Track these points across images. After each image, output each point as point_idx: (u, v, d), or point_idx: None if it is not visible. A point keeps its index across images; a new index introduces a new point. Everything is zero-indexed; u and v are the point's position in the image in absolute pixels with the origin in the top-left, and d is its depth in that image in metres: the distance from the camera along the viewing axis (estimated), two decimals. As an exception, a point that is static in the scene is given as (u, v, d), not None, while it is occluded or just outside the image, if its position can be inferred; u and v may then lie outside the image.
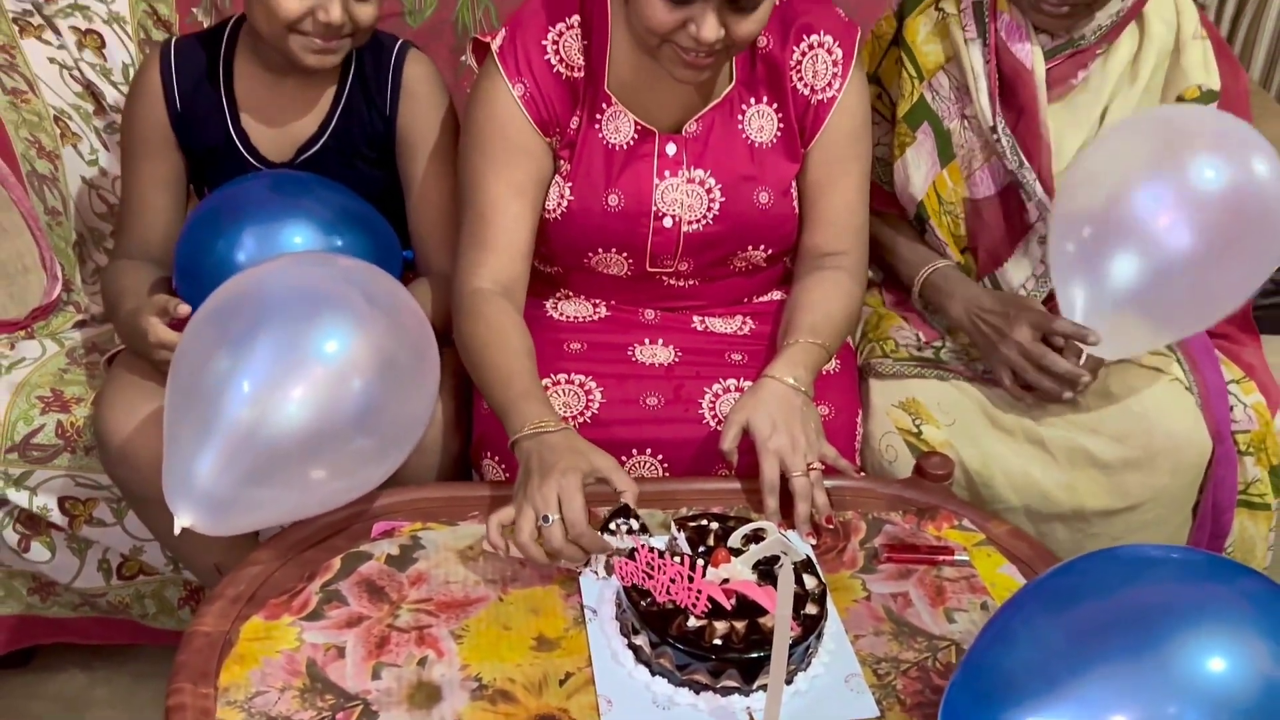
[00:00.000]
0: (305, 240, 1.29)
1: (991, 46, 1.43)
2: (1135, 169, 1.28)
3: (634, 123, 1.33)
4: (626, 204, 1.33)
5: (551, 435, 1.12)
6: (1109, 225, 1.27)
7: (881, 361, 1.44)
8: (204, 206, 1.36)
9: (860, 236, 1.40)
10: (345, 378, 1.05)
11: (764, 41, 1.32)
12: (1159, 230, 1.25)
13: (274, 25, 1.30)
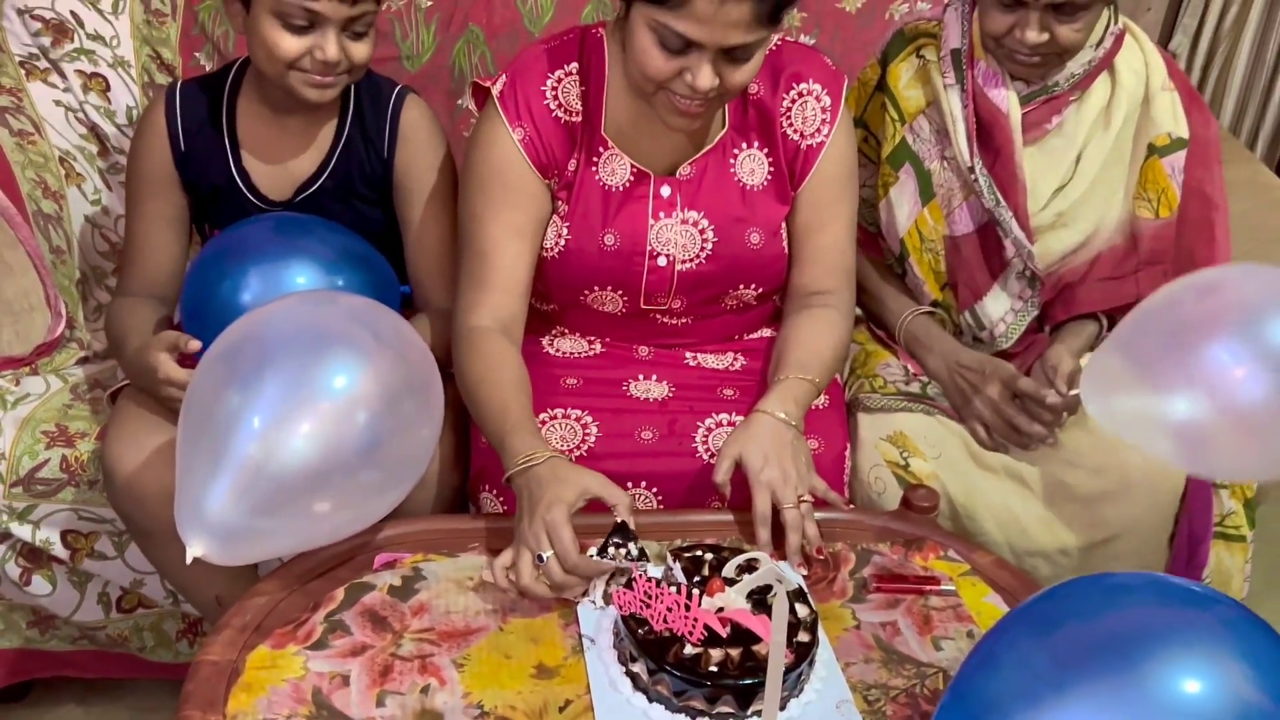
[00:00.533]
0: (308, 279, 1.32)
1: (969, 92, 1.49)
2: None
3: (630, 165, 1.37)
4: (622, 244, 1.37)
5: (539, 467, 1.15)
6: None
7: (870, 396, 1.49)
8: (209, 249, 1.40)
9: (848, 275, 1.44)
10: (352, 412, 1.08)
11: (755, 88, 1.37)
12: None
13: (275, 65, 1.34)
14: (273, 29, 1.31)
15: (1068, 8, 1.36)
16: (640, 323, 1.46)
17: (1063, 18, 1.37)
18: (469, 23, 1.82)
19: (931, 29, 1.55)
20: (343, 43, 1.34)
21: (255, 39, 1.35)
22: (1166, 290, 1.26)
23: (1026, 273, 1.51)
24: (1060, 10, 1.36)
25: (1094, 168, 1.49)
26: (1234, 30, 2.33)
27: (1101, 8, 1.39)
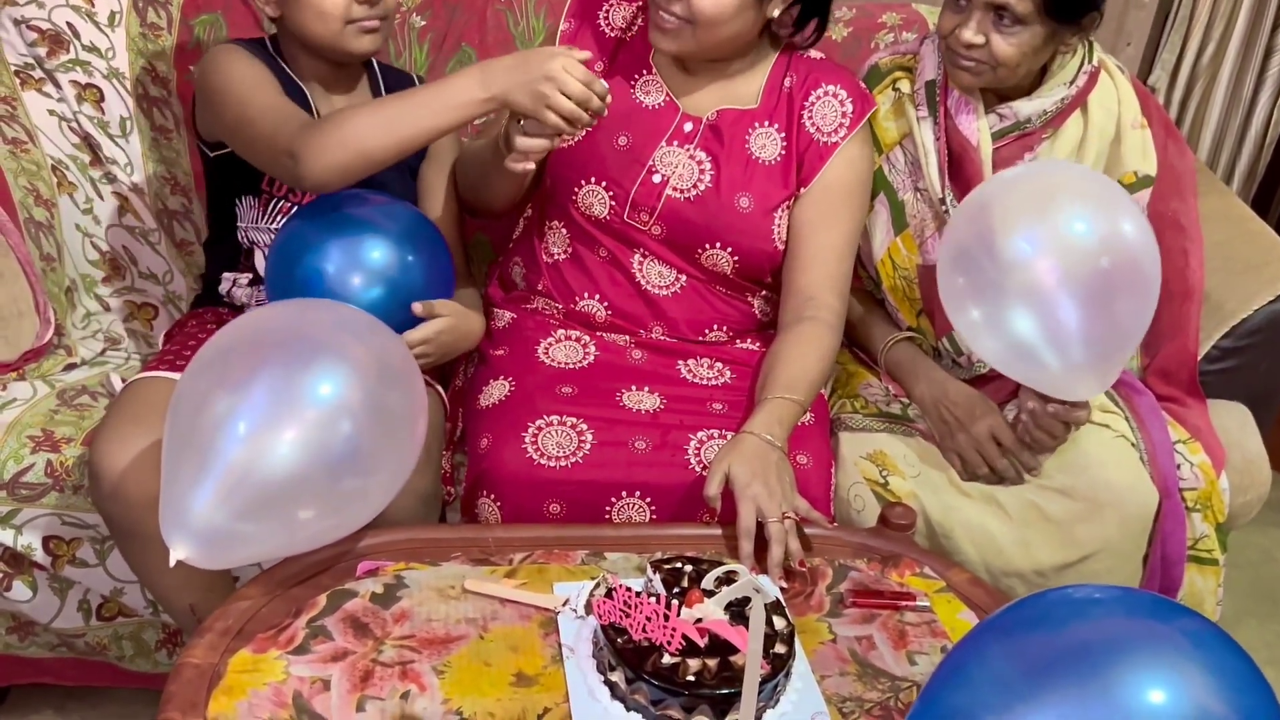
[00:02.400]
0: (382, 254, 1.36)
1: (941, 125, 1.52)
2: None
3: (666, 94, 1.50)
4: (631, 146, 1.48)
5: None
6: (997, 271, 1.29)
7: (851, 416, 1.51)
8: (293, 224, 1.41)
9: (841, 287, 1.48)
10: (336, 420, 1.09)
11: (788, 82, 1.50)
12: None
13: (330, 23, 1.41)
14: None
15: (1007, 17, 1.39)
16: (622, 257, 1.50)
17: (1001, 26, 1.41)
18: (462, 43, 1.85)
19: (907, 63, 1.59)
20: None
21: (300, 8, 1.40)
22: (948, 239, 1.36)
23: None
24: (1000, 17, 1.40)
25: None
26: (1212, 66, 2.37)
27: (1041, 34, 1.41)
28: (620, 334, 1.54)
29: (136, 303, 1.79)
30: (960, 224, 1.34)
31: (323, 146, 1.29)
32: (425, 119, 1.30)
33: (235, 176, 1.51)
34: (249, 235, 1.53)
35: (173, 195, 1.81)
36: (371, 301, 1.33)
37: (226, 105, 1.40)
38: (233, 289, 1.55)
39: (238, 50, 1.47)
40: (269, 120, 1.35)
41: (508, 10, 1.86)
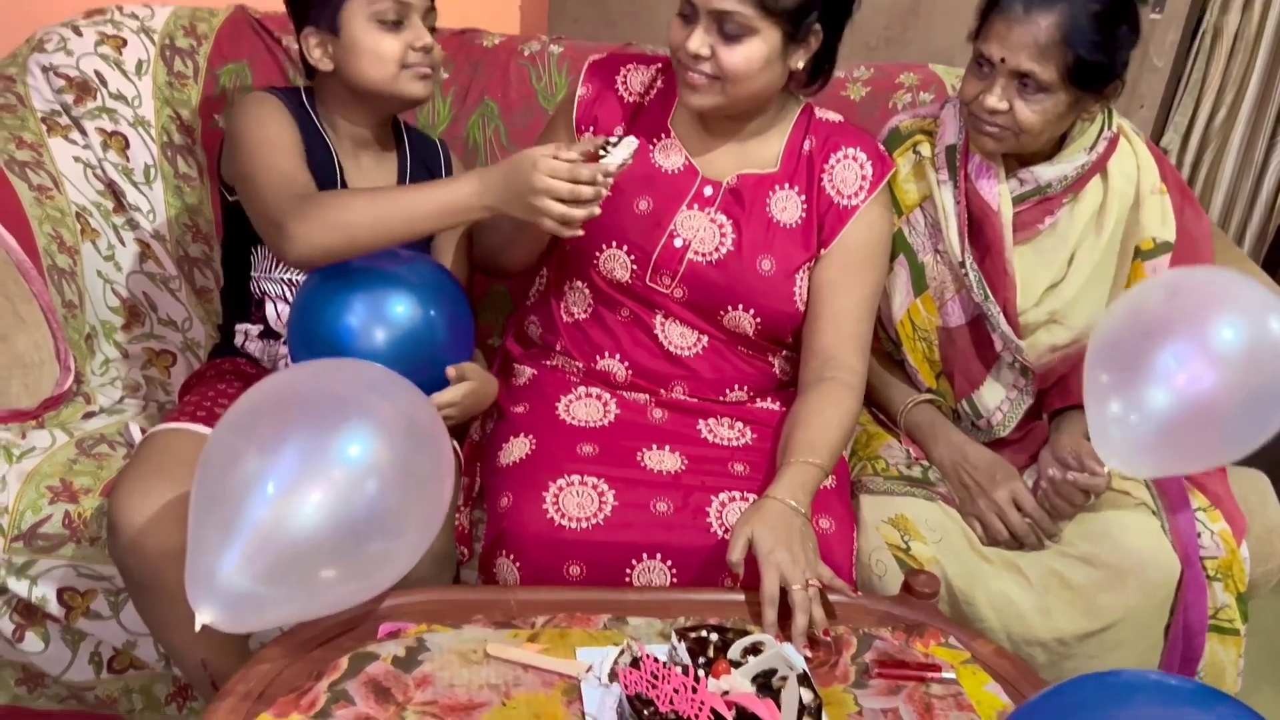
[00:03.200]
0: (406, 309, 1.36)
1: (962, 188, 1.53)
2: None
3: (685, 158, 1.50)
4: (652, 211, 1.49)
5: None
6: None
7: (872, 479, 1.51)
8: (316, 278, 1.40)
9: (862, 347, 1.49)
10: (364, 483, 1.09)
11: (808, 145, 1.51)
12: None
13: (385, 68, 1.44)
14: (372, 34, 1.43)
15: (1031, 84, 1.41)
16: (644, 317, 1.51)
17: (1025, 93, 1.42)
18: (485, 97, 1.87)
19: (927, 126, 1.60)
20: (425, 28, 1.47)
21: (356, 55, 1.44)
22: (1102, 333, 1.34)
23: (1016, 364, 1.54)
24: (1024, 85, 1.41)
25: (1086, 269, 1.53)
26: (1224, 129, 2.40)
27: (1065, 101, 1.43)
28: (641, 392, 1.53)
29: (155, 350, 1.79)
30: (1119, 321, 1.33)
31: (312, 227, 1.30)
32: (418, 218, 1.32)
33: (250, 224, 1.50)
34: (261, 285, 1.54)
35: (194, 242, 1.82)
36: (395, 357, 1.33)
37: (241, 156, 1.42)
38: (246, 342, 1.55)
39: (270, 101, 1.48)
40: (271, 183, 1.37)
41: (530, 65, 1.88)
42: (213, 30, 1.85)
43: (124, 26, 1.82)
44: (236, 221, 1.53)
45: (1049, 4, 1.39)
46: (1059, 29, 1.38)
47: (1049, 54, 1.39)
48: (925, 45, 2.15)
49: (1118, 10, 1.40)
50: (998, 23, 1.42)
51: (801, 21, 1.37)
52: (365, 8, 1.42)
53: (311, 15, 1.45)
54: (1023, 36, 1.39)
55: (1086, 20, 1.38)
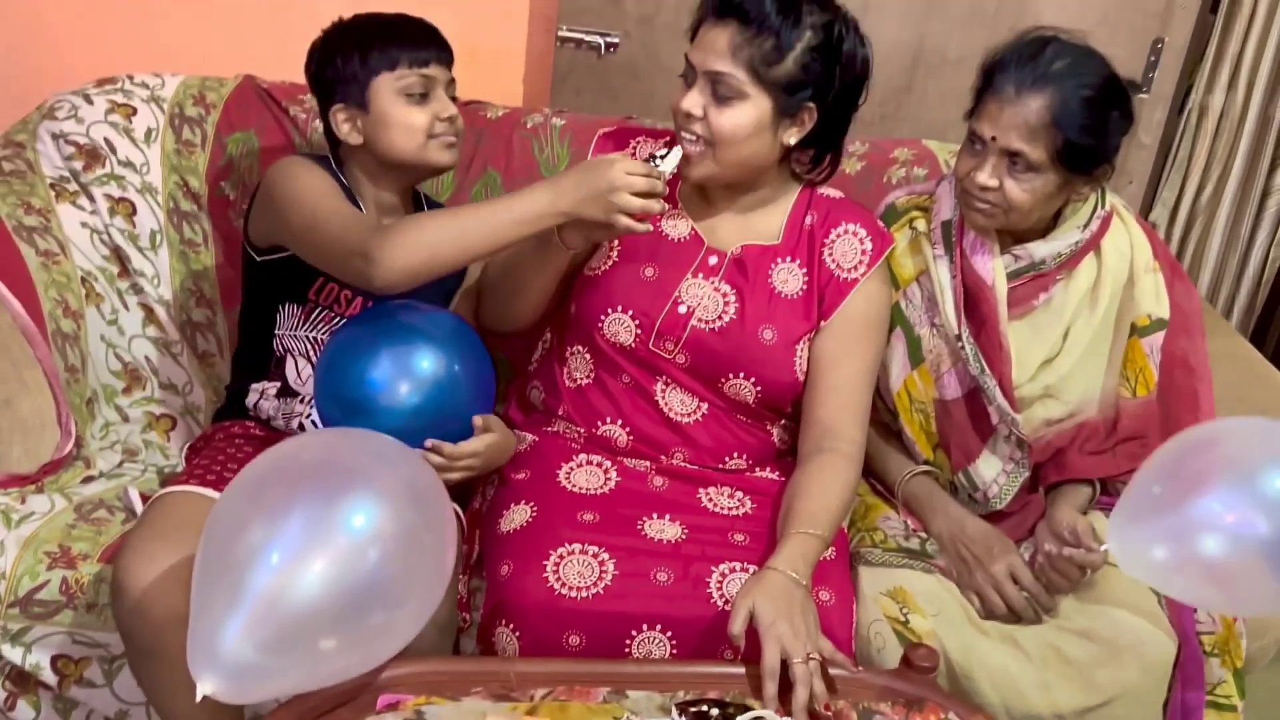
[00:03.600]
0: (431, 363, 1.38)
1: (957, 263, 1.55)
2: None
3: (691, 228, 1.54)
4: (658, 278, 1.52)
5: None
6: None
7: (871, 551, 1.51)
8: (345, 334, 1.44)
9: (861, 418, 1.50)
10: (367, 553, 1.09)
11: (809, 220, 1.54)
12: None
13: (414, 138, 1.50)
14: (400, 107, 1.49)
15: (1021, 163, 1.44)
16: (645, 384, 1.52)
17: (1015, 171, 1.45)
18: (488, 167, 1.90)
19: (923, 202, 1.64)
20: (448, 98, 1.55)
21: (386, 127, 1.50)
22: (1169, 448, 1.32)
23: (1013, 437, 1.56)
24: (1014, 163, 1.45)
25: (1081, 345, 1.55)
26: (1210, 205, 2.45)
27: (1054, 181, 1.46)
28: (642, 459, 1.54)
29: (155, 414, 1.80)
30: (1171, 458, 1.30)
31: (395, 248, 1.34)
32: (495, 230, 1.36)
33: (282, 283, 1.55)
34: (284, 342, 1.56)
35: (197, 307, 1.84)
36: (421, 411, 1.36)
37: (296, 208, 1.45)
38: (260, 401, 1.56)
39: (308, 162, 1.54)
40: (340, 222, 1.41)
41: (533, 137, 1.92)
42: (221, 99, 1.88)
43: (134, 95, 1.85)
44: (264, 280, 1.56)
45: (1040, 87, 1.43)
46: (1049, 111, 1.42)
47: (1038, 135, 1.43)
48: (919, 121, 2.20)
49: (1109, 96, 1.44)
50: (990, 103, 1.46)
51: (794, 95, 1.41)
52: (393, 83, 1.49)
53: (340, 93, 1.51)
54: (1013, 117, 1.43)
55: (1077, 104, 1.42)
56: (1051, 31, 1.48)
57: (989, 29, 2.14)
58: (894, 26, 2.13)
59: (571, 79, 2.16)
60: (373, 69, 1.49)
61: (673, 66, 2.12)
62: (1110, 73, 1.46)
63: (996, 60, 1.47)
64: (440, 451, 1.38)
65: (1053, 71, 1.43)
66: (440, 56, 1.53)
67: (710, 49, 1.40)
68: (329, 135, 1.57)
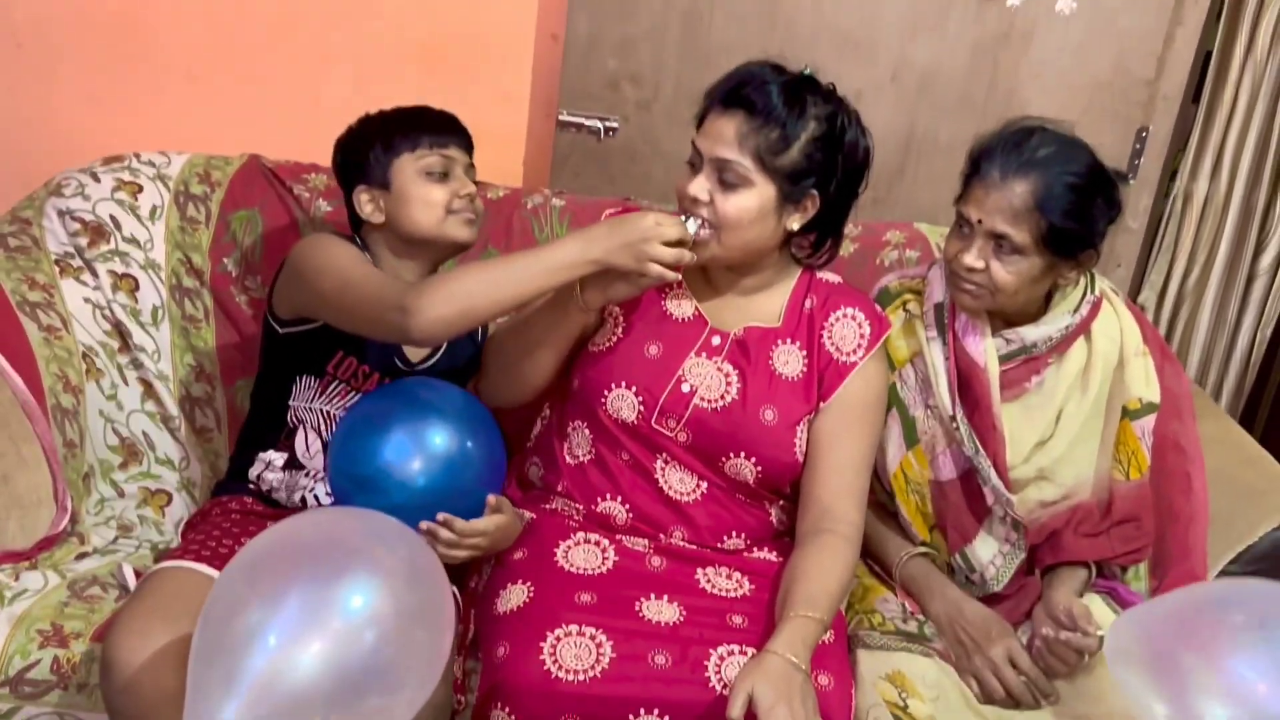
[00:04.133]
0: (444, 440, 1.40)
1: (950, 345, 1.58)
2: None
3: (695, 308, 1.56)
4: (662, 356, 1.53)
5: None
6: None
7: (869, 634, 1.51)
8: (359, 412, 1.45)
9: (859, 499, 1.51)
10: (366, 635, 1.09)
11: (809, 304, 1.57)
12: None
13: (434, 213, 1.55)
14: (422, 186, 1.55)
15: (1006, 245, 1.47)
16: (645, 461, 1.53)
17: (1000, 254, 1.48)
18: (489, 246, 1.93)
19: (915, 286, 1.66)
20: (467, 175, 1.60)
21: (408, 206, 1.55)
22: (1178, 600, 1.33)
23: (1008, 519, 1.57)
24: (1000, 246, 1.48)
25: (1073, 427, 1.57)
26: (1198, 288, 2.49)
27: (1039, 265, 1.49)
28: (640, 537, 1.54)
29: (151, 489, 1.80)
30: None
31: (432, 300, 1.36)
32: (528, 280, 1.38)
33: (302, 355, 1.58)
34: (298, 414, 1.57)
35: (197, 382, 1.85)
36: (434, 488, 1.37)
37: (329, 274, 1.47)
38: (264, 472, 1.56)
39: (336, 236, 1.59)
40: (375, 283, 1.44)
41: (533, 217, 1.95)
42: (226, 178, 1.91)
43: (141, 173, 1.89)
44: (283, 351, 1.58)
45: (1024, 172, 1.46)
46: (1033, 196, 1.45)
47: (1022, 219, 1.46)
48: (910, 205, 2.25)
49: (1093, 183, 1.48)
50: (977, 187, 1.50)
51: (798, 183, 1.45)
52: (414, 162, 1.55)
53: (363, 175, 1.57)
54: (999, 201, 1.47)
55: (1060, 190, 1.46)
56: (1037, 121, 1.52)
57: (978, 116, 2.20)
58: (887, 112, 2.19)
59: (571, 161, 2.21)
60: (395, 150, 1.56)
61: (670, 151, 2.18)
62: (1094, 160, 1.50)
63: (984, 147, 1.52)
64: (451, 527, 1.38)
65: (1037, 158, 1.47)
66: (460, 141, 1.60)
67: (718, 137, 1.44)
68: (352, 218, 1.62)
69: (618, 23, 2.10)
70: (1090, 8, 2.15)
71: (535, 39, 2.20)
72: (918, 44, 2.15)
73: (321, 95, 2.15)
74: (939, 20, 2.14)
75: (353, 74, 2.15)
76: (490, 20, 2.18)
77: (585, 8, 2.09)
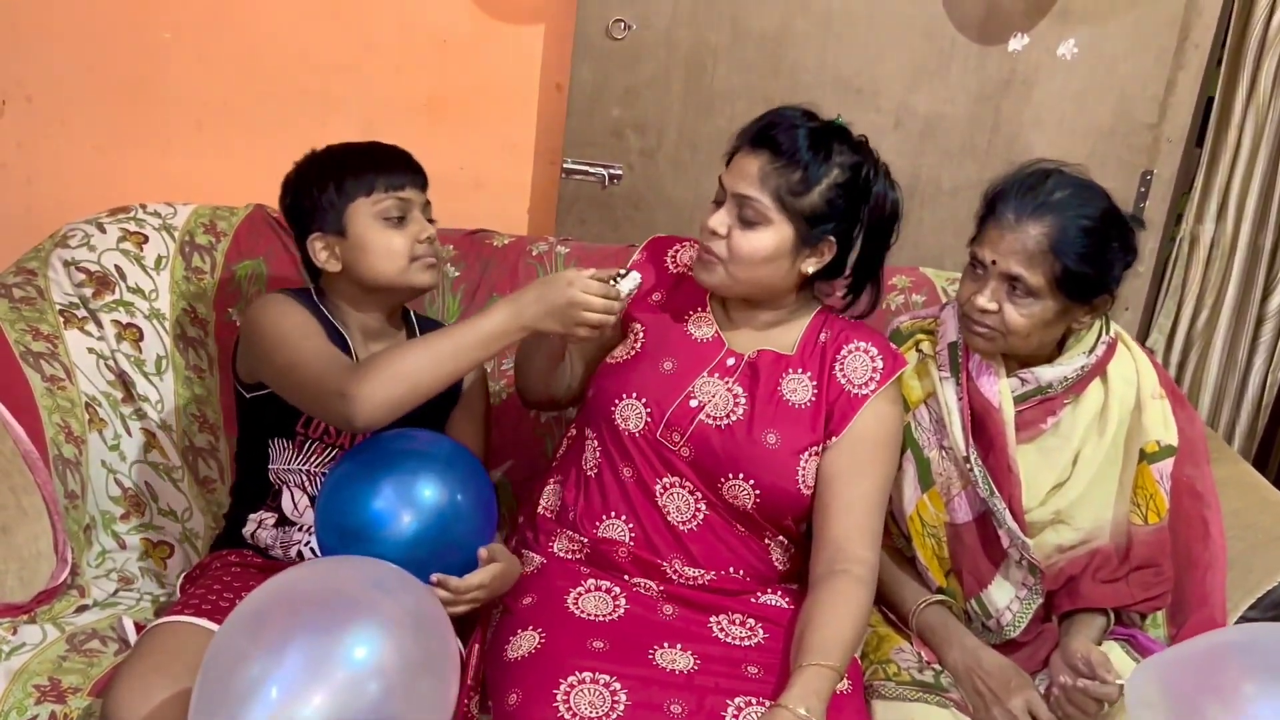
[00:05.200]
0: (433, 492, 1.37)
1: (964, 385, 1.56)
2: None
3: (715, 330, 1.59)
4: (675, 373, 1.55)
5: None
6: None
7: (884, 684, 1.47)
8: (344, 467, 1.42)
9: (873, 539, 1.49)
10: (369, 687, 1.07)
11: (823, 336, 1.57)
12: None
13: (395, 261, 1.51)
14: (379, 232, 1.51)
15: (1020, 288, 1.46)
16: (648, 480, 1.52)
17: (1014, 296, 1.47)
18: (494, 293, 1.93)
19: (928, 325, 1.65)
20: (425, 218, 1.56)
21: (368, 255, 1.51)
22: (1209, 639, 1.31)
23: (1024, 562, 1.54)
24: (1013, 288, 1.47)
25: (1090, 470, 1.55)
26: (1206, 331, 2.47)
27: (1053, 308, 1.48)
28: (644, 576, 1.52)
29: (153, 540, 1.78)
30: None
31: (374, 384, 1.34)
32: (466, 352, 1.38)
33: (270, 418, 1.54)
34: (280, 475, 1.55)
35: (200, 432, 1.83)
36: (423, 541, 1.34)
37: (277, 349, 1.45)
38: (257, 530, 1.55)
39: (287, 299, 1.53)
40: (318, 364, 1.41)
41: (539, 264, 1.95)
42: (232, 228, 1.92)
43: (147, 224, 1.89)
44: (254, 415, 1.55)
45: (1040, 215, 1.46)
46: (1047, 239, 1.45)
47: (1036, 261, 1.45)
48: (917, 249, 2.24)
49: (1108, 227, 1.47)
50: (991, 229, 1.49)
51: (815, 226, 1.47)
52: (370, 208, 1.51)
53: (316, 221, 1.52)
54: (1013, 243, 1.46)
55: (1075, 233, 1.45)
56: (1054, 164, 1.52)
57: (981, 162, 2.20)
58: (890, 158, 2.15)
59: (576, 209, 2.21)
60: (349, 195, 1.51)
61: (674, 197, 2.18)
62: (1110, 205, 1.49)
63: (999, 190, 1.51)
64: (446, 586, 1.36)
65: (1053, 201, 1.46)
66: (415, 179, 1.55)
67: (741, 174, 1.47)
68: (308, 266, 1.58)
69: (621, 72, 2.11)
70: (1091, 54, 2.16)
71: (539, 88, 2.22)
72: (920, 91, 2.16)
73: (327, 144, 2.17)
74: (941, 67, 2.15)
75: (359, 124, 2.16)
76: (495, 70, 2.20)
77: (589, 57, 2.10)
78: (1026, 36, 2.15)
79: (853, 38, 2.13)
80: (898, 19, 2.13)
